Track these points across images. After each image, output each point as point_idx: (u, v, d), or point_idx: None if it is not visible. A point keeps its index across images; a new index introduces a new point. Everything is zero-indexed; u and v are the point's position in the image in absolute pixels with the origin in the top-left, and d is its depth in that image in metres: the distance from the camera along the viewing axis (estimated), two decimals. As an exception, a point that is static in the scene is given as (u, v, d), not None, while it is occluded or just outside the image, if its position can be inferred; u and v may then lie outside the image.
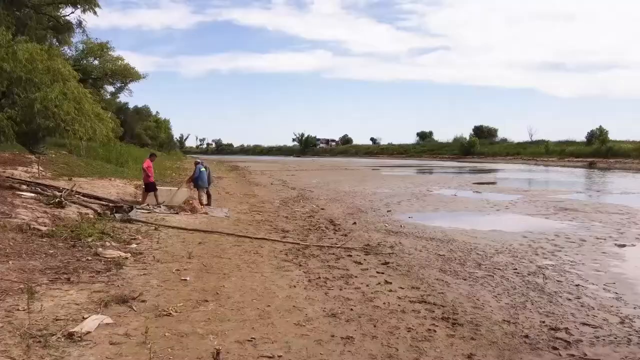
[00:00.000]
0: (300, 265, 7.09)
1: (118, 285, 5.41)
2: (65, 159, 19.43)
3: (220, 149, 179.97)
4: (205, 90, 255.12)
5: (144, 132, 72.97)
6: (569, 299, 6.27)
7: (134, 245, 7.56)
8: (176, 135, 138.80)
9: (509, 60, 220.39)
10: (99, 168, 19.71)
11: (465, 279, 7.03)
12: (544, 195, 21.12)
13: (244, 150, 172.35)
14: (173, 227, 9.42)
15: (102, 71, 36.54)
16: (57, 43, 24.25)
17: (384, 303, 5.52)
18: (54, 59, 13.85)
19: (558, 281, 7.21)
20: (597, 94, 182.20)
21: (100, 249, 6.81)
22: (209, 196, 14.14)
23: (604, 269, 8.09)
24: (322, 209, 15.15)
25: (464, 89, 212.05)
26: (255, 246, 8.35)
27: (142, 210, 11.44)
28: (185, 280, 5.84)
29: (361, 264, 7.54)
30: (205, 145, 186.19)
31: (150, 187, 12.83)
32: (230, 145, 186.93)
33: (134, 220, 9.63)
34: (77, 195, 10.74)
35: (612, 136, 74.13)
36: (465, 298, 6.04)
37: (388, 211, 15.15)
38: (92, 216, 9.54)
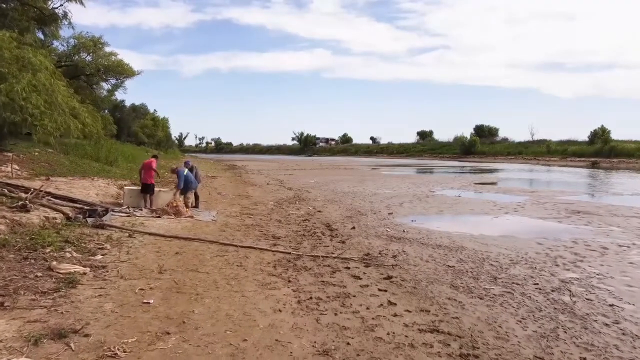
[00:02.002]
0: (289, 282, 6.09)
1: (62, 312, 4.42)
2: (49, 157, 18.40)
3: (220, 147, 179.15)
4: (205, 89, 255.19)
5: (140, 130, 72.01)
6: (607, 325, 5.28)
7: (98, 257, 6.56)
8: (175, 133, 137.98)
9: (508, 60, 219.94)
10: (84, 167, 18.69)
11: (481, 298, 6.04)
12: (552, 196, 20.14)
13: (244, 149, 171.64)
14: (150, 234, 8.42)
15: (94, 67, 35.47)
16: (42, 35, 23.23)
17: (388, 333, 4.53)
18: (23, 47, 12.76)
19: (588, 300, 6.23)
20: (597, 93, 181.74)
21: (55, 263, 5.81)
22: (196, 197, 13.16)
23: (637, 283, 7.10)
24: (319, 211, 14.16)
25: (464, 88, 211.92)
26: (240, 256, 7.35)
27: (121, 214, 10.44)
28: (148, 303, 4.84)
29: (360, 278, 6.55)
30: (204, 144, 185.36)
31: (147, 189, 11.81)
32: (230, 144, 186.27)
33: (107, 226, 8.63)
34: (47, 197, 9.74)
35: (612, 136, 73.30)
36: (484, 324, 5.05)
37: (389, 214, 14.17)
38: (59, 221, 8.54)
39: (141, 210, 11.20)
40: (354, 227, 11.24)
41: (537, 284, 6.92)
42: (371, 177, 32.70)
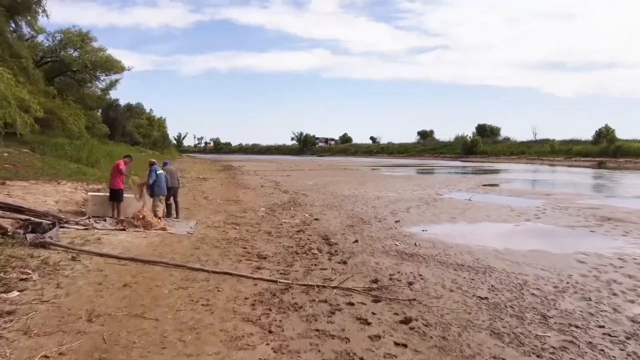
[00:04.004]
0: (270, 332, 4.36)
1: None
2: (20, 158, 16.70)
3: (219, 147, 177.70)
4: (204, 89, 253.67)
5: (135, 130, 70.38)
6: None
7: (13, 294, 4.83)
8: (174, 134, 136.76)
9: (508, 59, 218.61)
10: (59, 168, 16.97)
11: (539, 356, 4.32)
12: (571, 200, 18.43)
13: (243, 149, 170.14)
14: (101, 255, 6.69)
15: (81, 63, 33.76)
16: (14, 24, 21.51)
17: None
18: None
19: (683, 354, 4.51)
20: (598, 93, 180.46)
21: None
22: (176, 205, 11.43)
23: None
24: (316, 219, 12.43)
25: (463, 88, 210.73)
26: (210, 288, 5.63)
27: (77, 227, 8.72)
28: (41, 388, 3.12)
29: (369, 323, 4.82)
30: (203, 144, 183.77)
31: (115, 195, 10.10)
32: (229, 144, 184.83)
33: (49, 245, 6.90)
34: (-17, 207, 8.01)
35: (615, 135, 71.53)
36: (561, 412, 3.34)
37: (396, 222, 12.46)
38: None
39: (104, 220, 9.47)
40: (356, 241, 9.52)
41: (603, 326, 5.20)
42: (372, 179, 30.97)
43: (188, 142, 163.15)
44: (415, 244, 9.46)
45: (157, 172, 10.01)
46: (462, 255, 8.63)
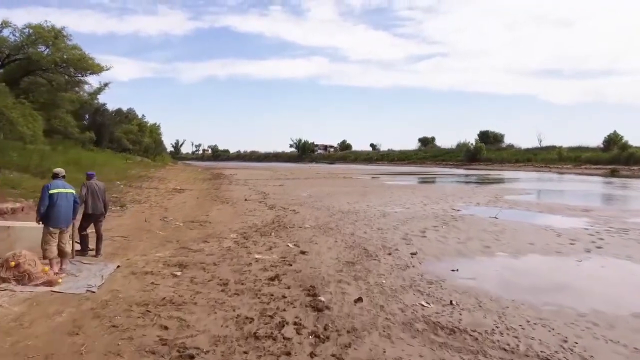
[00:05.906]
0: None
1: None
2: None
3: (217, 154, 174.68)
4: (203, 96, 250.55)
5: (124, 136, 67.12)
6: None
7: None
8: (172, 141, 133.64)
9: (505, 66, 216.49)
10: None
11: None
12: (620, 217, 15.07)
13: (241, 157, 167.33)
14: None
15: (51, 61, 30.41)
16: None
17: None
18: None
19: None
20: (595, 100, 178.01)
21: None
22: (98, 237, 8.00)
23: None
24: (303, 252, 8.99)
25: (462, 95, 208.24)
26: None
27: None
28: None
29: None
30: (201, 151, 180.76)
31: None
32: (227, 151, 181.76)
33: None
34: None
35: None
36: None
37: (412, 254, 9.09)
38: None
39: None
40: (360, 299, 6.07)
41: None
42: (374, 189, 27.51)
43: (186, 149, 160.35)
44: (451, 303, 6.04)
45: (50, 192, 6.55)
46: (535, 329, 5.22)
